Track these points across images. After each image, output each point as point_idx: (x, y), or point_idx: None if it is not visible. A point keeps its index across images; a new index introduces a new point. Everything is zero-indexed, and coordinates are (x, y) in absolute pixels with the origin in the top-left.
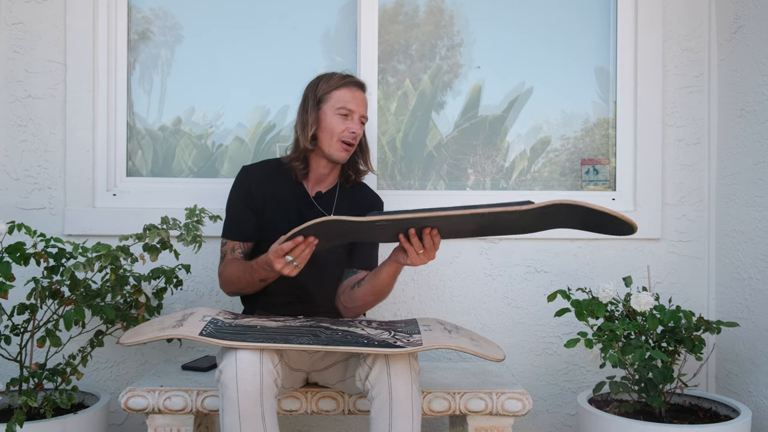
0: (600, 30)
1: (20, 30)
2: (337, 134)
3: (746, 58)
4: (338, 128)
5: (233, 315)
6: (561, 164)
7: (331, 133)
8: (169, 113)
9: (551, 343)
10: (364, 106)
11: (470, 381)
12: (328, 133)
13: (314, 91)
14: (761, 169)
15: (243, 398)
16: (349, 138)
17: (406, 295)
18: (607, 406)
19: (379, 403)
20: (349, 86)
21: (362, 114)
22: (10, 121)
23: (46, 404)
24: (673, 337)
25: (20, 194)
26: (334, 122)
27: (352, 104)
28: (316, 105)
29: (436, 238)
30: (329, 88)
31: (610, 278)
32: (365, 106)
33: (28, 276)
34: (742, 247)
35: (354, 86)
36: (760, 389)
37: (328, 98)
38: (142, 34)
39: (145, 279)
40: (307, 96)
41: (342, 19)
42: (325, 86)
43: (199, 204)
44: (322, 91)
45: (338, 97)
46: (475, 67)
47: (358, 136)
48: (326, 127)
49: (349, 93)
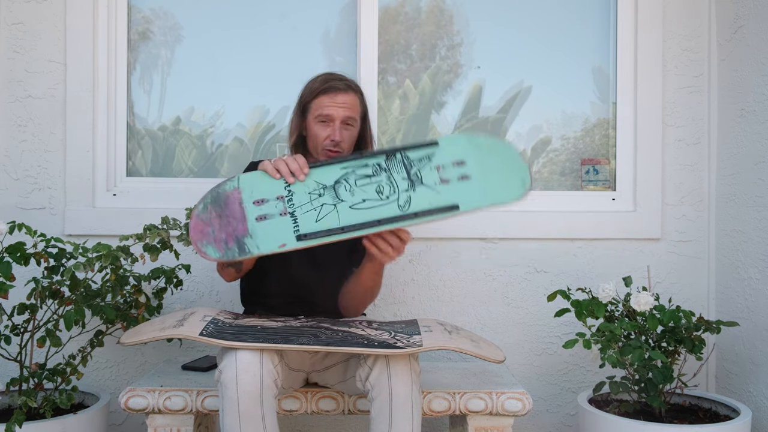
0: (600, 30)
1: (20, 30)
2: (320, 143)
3: (746, 58)
4: (320, 136)
5: (234, 315)
6: (561, 164)
7: (315, 141)
8: (169, 113)
9: (551, 343)
10: (347, 108)
11: (470, 381)
12: (313, 141)
13: (300, 97)
14: (761, 169)
15: (243, 398)
16: (330, 146)
17: (406, 295)
18: (607, 406)
19: (379, 404)
20: (328, 92)
21: (344, 117)
22: (10, 121)
23: (45, 404)
24: (673, 337)
25: (20, 194)
26: (317, 130)
27: (330, 110)
28: (301, 113)
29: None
30: (310, 95)
31: (610, 278)
32: (348, 107)
33: (28, 276)
34: (742, 247)
35: (333, 90)
36: (760, 389)
37: (310, 107)
38: (142, 34)
39: (145, 279)
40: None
41: (342, 19)
42: (307, 93)
43: None
44: (305, 98)
45: (317, 104)
46: (475, 67)
47: (342, 143)
48: (311, 136)
49: (328, 98)
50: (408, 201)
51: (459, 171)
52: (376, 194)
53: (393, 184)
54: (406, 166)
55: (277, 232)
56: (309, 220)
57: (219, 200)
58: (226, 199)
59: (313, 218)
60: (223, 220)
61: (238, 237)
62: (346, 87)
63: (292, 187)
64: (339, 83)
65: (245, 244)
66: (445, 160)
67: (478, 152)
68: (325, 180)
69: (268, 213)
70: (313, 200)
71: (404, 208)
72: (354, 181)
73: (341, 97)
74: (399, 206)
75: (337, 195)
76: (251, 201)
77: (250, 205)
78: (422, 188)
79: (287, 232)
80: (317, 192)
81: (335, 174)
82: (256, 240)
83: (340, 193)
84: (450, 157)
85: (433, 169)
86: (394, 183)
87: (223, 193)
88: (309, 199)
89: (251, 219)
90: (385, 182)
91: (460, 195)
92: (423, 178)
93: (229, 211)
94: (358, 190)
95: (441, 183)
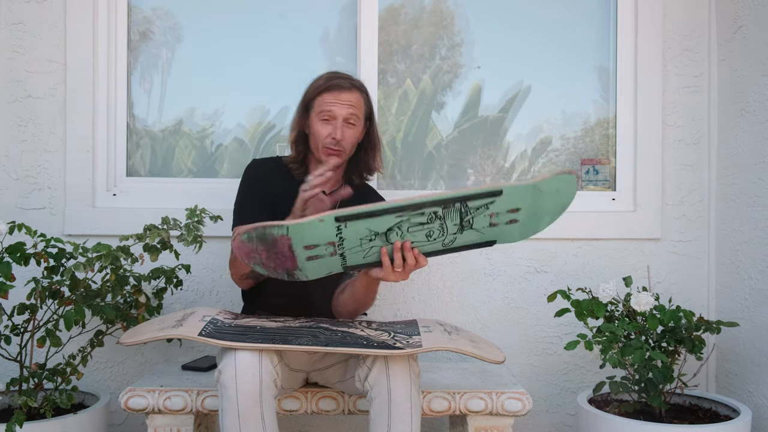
0: (600, 30)
1: (20, 30)
2: (321, 140)
3: (746, 58)
4: (322, 134)
5: (233, 315)
6: (561, 164)
7: (316, 138)
8: (169, 113)
9: (551, 343)
10: (350, 107)
11: (470, 381)
12: (314, 138)
13: (304, 94)
14: (761, 169)
15: (242, 399)
16: (331, 144)
17: (406, 295)
18: (607, 406)
19: (379, 404)
20: (332, 89)
21: (347, 115)
22: (10, 121)
23: (46, 404)
24: (673, 337)
25: (20, 194)
26: (319, 128)
27: (332, 108)
28: (304, 110)
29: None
30: (314, 92)
31: (610, 278)
32: (352, 106)
33: (28, 276)
34: (742, 247)
35: (337, 88)
36: (760, 389)
37: (313, 104)
38: (142, 34)
39: (145, 279)
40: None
41: (342, 20)
42: (311, 90)
43: (198, 204)
44: (309, 95)
45: (320, 101)
46: (475, 67)
47: (343, 141)
48: (313, 133)
49: (331, 96)
50: (453, 241)
51: (510, 216)
52: (425, 238)
53: (444, 230)
54: (461, 214)
55: (326, 266)
56: (356, 258)
57: (266, 240)
58: (274, 241)
59: (361, 256)
60: (271, 254)
61: (288, 269)
62: (350, 85)
63: (343, 233)
64: (344, 81)
65: (294, 275)
66: (502, 208)
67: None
68: (378, 228)
69: (318, 254)
70: (362, 244)
71: (447, 246)
72: (407, 228)
73: (345, 95)
74: (443, 245)
75: (388, 240)
76: (302, 246)
77: (300, 249)
78: (470, 231)
79: (335, 266)
80: (368, 237)
81: (389, 222)
82: (305, 272)
83: (390, 238)
84: (507, 206)
85: (486, 216)
86: (445, 229)
87: (270, 236)
88: (359, 243)
89: (301, 259)
90: (437, 229)
91: (501, 234)
92: (474, 224)
93: (278, 249)
94: (409, 235)
95: (489, 227)
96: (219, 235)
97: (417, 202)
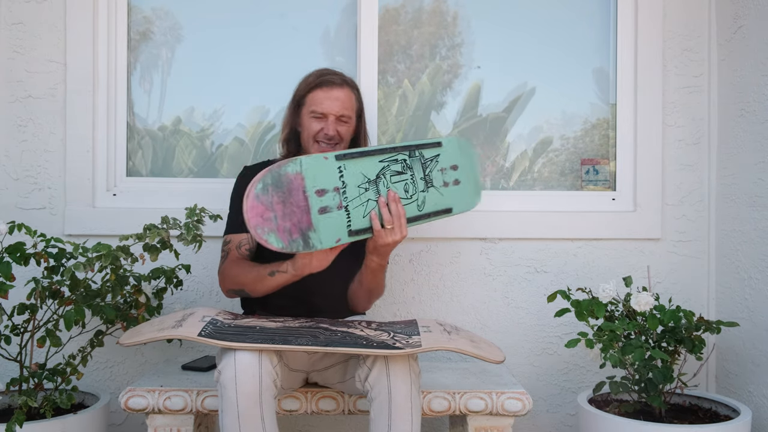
0: (600, 30)
1: (20, 30)
2: (312, 135)
3: (746, 58)
4: (314, 130)
5: (233, 315)
6: (561, 164)
7: (308, 135)
8: (169, 113)
9: (551, 343)
10: (342, 105)
11: (470, 381)
12: (306, 135)
13: (295, 92)
14: (761, 169)
15: (242, 399)
16: (323, 138)
17: (406, 295)
18: (607, 406)
19: (379, 404)
20: (323, 86)
21: (339, 114)
22: (10, 121)
23: (46, 404)
24: (673, 337)
25: (20, 194)
26: (310, 124)
27: (324, 106)
28: (296, 108)
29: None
30: (305, 89)
31: (610, 278)
32: (343, 104)
33: (28, 276)
34: (742, 247)
35: (328, 85)
36: (760, 389)
37: (304, 101)
38: (142, 34)
39: (145, 279)
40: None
41: (342, 20)
42: (302, 87)
43: (198, 204)
44: (300, 93)
45: (311, 99)
46: (475, 68)
47: (337, 138)
48: (305, 130)
49: (323, 93)
50: (423, 202)
51: (454, 175)
52: (404, 192)
53: (415, 183)
54: (423, 165)
55: (335, 227)
56: (358, 216)
57: (281, 184)
58: (289, 184)
59: (361, 213)
60: (287, 208)
61: (303, 230)
62: (341, 81)
63: (345, 178)
64: (334, 77)
65: (310, 239)
66: (446, 162)
67: (464, 158)
68: (369, 173)
69: (328, 205)
70: (361, 194)
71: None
72: (389, 177)
73: (336, 91)
74: (417, 206)
75: (378, 191)
76: (314, 190)
77: (312, 194)
78: (432, 190)
79: (342, 227)
80: (364, 186)
81: (376, 168)
82: (319, 234)
83: (380, 189)
84: (449, 161)
85: (439, 171)
86: (415, 182)
87: (285, 176)
88: (358, 193)
89: (314, 212)
90: (410, 181)
91: (453, 199)
92: (433, 180)
93: (293, 199)
94: (393, 187)
95: (443, 186)
96: (219, 234)
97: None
